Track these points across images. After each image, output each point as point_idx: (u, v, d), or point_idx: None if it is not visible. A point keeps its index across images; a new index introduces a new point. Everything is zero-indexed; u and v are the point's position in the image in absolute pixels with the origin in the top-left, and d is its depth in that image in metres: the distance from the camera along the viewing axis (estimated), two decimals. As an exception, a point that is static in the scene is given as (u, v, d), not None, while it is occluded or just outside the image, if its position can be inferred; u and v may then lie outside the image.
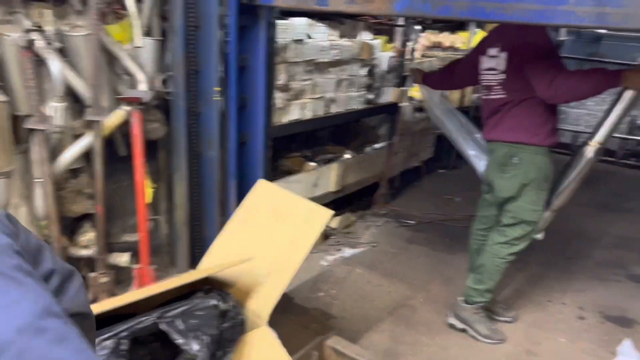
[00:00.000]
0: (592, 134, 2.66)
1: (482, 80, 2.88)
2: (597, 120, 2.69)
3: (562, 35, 7.19)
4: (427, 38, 5.65)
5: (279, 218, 2.16)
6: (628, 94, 2.45)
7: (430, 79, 3.23)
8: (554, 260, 3.90)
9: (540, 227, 2.81)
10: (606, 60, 7.15)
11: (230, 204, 2.81)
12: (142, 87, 2.49)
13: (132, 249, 2.66)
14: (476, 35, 5.94)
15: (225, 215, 2.82)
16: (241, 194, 3.06)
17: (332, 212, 2.14)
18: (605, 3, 1.79)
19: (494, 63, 2.77)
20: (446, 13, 2.13)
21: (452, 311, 3.05)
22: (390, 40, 4.57)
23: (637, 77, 2.36)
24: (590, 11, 1.83)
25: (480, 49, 2.90)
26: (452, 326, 3.01)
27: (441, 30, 5.90)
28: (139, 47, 2.52)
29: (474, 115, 5.05)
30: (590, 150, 2.63)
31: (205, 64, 2.69)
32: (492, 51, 2.79)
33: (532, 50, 2.57)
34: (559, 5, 1.89)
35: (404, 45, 4.53)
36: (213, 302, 1.77)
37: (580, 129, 7.31)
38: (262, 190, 2.35)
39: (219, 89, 2.68)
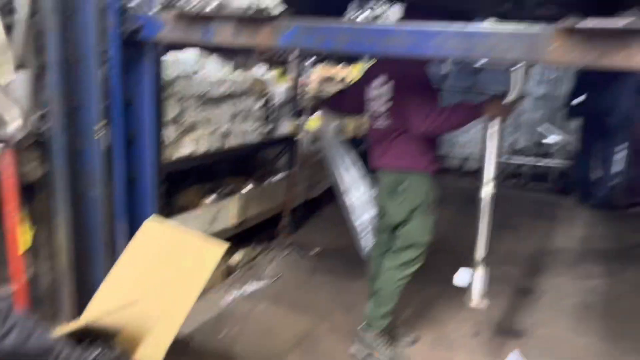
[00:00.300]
0: (480, 170, 2.83)
1: (369, 109, 3.00)
2: (481, 157, 2.86)
3: (445, 68, 7.73)
4: (321, 71, 5.81)
5: (168, 257, 2.06)
6: (494, 123, 2.66)
7: (324, 104, 3.41)
8: (449, 278, 4.06)
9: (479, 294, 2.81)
10: (484, 90, 7.79)
11: (118, 246, 2.65)
12: (14, 126, 2.30)
13: (8, 303, 2.41)
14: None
15: (114, 258, 2.65)
16: (132, 234, 2.90)
17: (225, 246, 2.08)
18: (471, 36, 1.94)
19: (379, 92, 2.89)
20: (329, 46, 2.20)
21: (355, 339, 3.07)
22: (285, 72, 4.64)
23: (493, 107, 2.61)
24: (458, 44, 1.97)
25: (366, 78, 3.03)
26: (353, 356, 3.02)
27: (336, 62, 6.11)
28: (10, 81, 2.34)
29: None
30: (487, 192, 2.79)
31: (87, 100, 2.55)
32: (378, 81, 2.91)
33: (411, 84, 2.73)
34: (430, 39, 2.02)
35: (298, 77, 4.62)
36: (95, 353, 1.63)
37: (468, 152, 7.83)
38: (151, 228, 2.24)
39: (102, 124, 2.55)
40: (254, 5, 4.78)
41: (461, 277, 2.77)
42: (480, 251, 2.81)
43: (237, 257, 4.02)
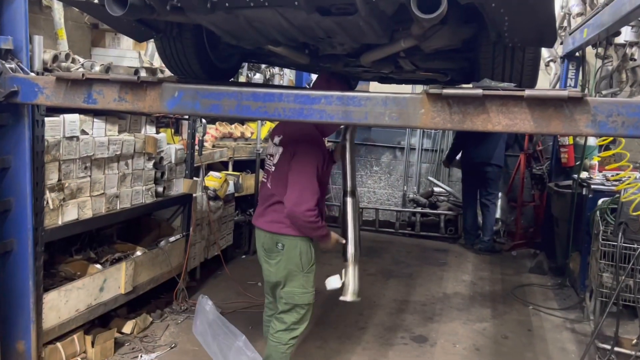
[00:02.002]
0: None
1: (265, 164, 3.10)
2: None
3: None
4: (217, 129, 5.82)
5: None
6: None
7: None
8: (349, 332, 4.12)
9: (353, 290, 2.90)
10: (377, 143, 8.24)
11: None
12: None
13: None
14: (263, 127, 6.32)
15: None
16: (7, 312, 2.66)
17: None
18: (348, 103, 2.07)
19: (274, 151, 3.00)
20: (216, 111, 2.23)
21: None
22: (177, 132, 4.59)
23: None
24: (338, 109, 2.09)
25: (272, 134, 3.11)
26: None
27: (231, 121, 6.15)
28: None
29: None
30: (350, 202, 3.01)
31: (-49, 168, 2.36)
32: (276, 139, 3.01)
33: (295, 154, 2.83)
34: (313, 104, 2.13)
35: (192, 137, 4.59)
36: None
37: (364, 205, 8.11)
38: None
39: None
40: (145, 65, 4.74)
41: (331, 282, 2.88)
42: (350, 250, 2.94)
43: (128, 327, 3.78)
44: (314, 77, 5.05)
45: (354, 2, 1.96)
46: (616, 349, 3.53)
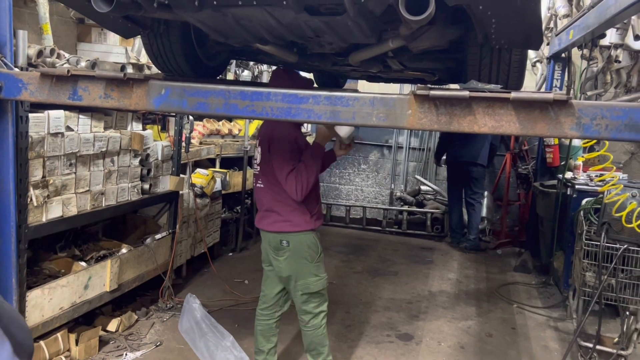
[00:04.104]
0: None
1: (253, 169, 3.16)
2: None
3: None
4: (204, 126, 5.79)
5: None
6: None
7: None
8: (335, 330, 4.13)
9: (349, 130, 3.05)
10: (364, 141, 8.25)
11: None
12: None
13: None
14: (251, 124, 6.30)
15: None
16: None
17: None
18: (336, 103, 2.07)
19: (257, 154, 3.07)
20: (203, 110, 2.22)
21: None
22: (164, 129, 4.56)
23: (319, 133, 3.04)
24: (326, 109, 2.08)
25: (258, 137, 3.18)
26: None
27: (219, 118, 6.12)
28: None
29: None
30: None
31: None
32: (259, 141, 3.07)
33: (278, 150, 2.91)
34: (301, 104, 2.12)
35: (179, 133, 4.56)
36: None
37: (351, 202, 8.14)
38: None
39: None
40: (132, 61, 4.70)
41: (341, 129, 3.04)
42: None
43: (113, 325, 3.75)
44: (304, 75, 5.04)
45: (343, 2, 1.96)
46: (598, 347, 3.58)
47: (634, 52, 4.68)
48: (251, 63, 6.76)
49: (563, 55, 5.77)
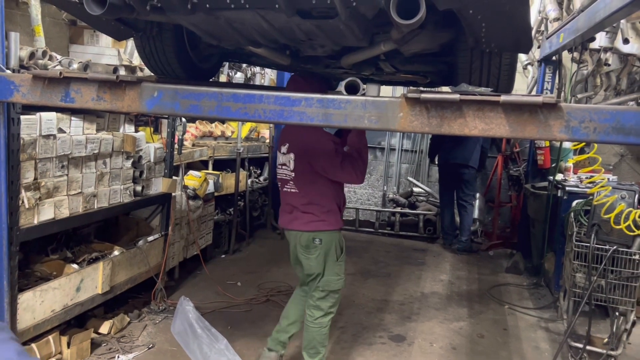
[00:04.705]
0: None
1: (277, 174, 3.29)
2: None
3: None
4: (197, 128, 5.80)
5: None
6: None
7: None
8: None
9: None
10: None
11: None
12: None
13: None
14: (244, 126, 6.31)
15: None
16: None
17: None
18: (328, 105, 2.08)
19: (285, 160, 3.20)
20: (195, 112, 2.22)
21: None
22: (157, 131, 4.55)
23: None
24: (318, 112, 2.10)
25: (278, 144, 3.34)
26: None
27: (212, 120, 6.12)
28: None
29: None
30: None
31: None
32: (283, 149, 3.23)
33: (318, 152, 3.08)
34: (293, 106, 2.14)
35: (171, 135, 4.56)
36: None
37: (357, 205, 8.14)
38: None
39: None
40: (124, 63, 4.69)
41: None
42: None
43: (105, 327, 3.74)
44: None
45: (335, 5, 1.98)
46: (588, 347, 3.61)
47: (623, 56, 4.73)
48: (244, 65, 6.77)
49: (554, 58, 5.83)
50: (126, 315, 4.05)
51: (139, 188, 4.09)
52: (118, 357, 3.52)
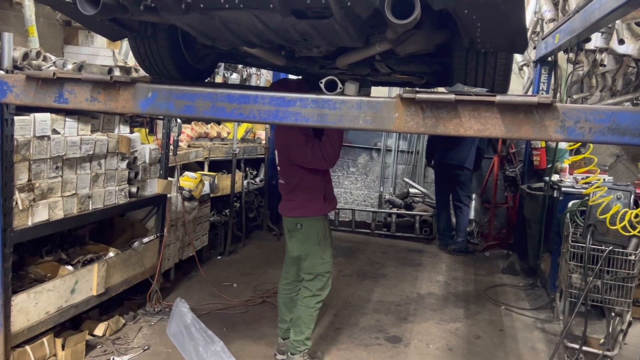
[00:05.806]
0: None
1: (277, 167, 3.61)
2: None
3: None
4: (192, 129, 5.77)
5: None
6: None
7: None
8: (323, 333, 4.13)
9: None
10: (353, 144, 8.29)
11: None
12: None
13: None
14: (240, 127, 6.29)
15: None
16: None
17: None
18: (323, 106, 2.08)
19: (277, 156, 3.55)
20: (190, 113, 2.21)
21: None
22: (152, 132, 4.54)
23: None
24: (313, 112, 2.09)
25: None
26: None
27: (207, 121, 6.10)
28: None
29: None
30: None
31: None
32: (276, 147, 3.55)
33: (292, 145, 3.33)
34: (288, 107, 2.13)
35: (166, 136, 4.54)
36: None
37: (340, 205, 8.13)
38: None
39: None
40: (119, 63, 4.68)
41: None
42: None
43: (100, 329, 3.72)
44: (292, 77, 5.06)
45: (329, 5, 1.97)
46: (584, 348, 3.61)
47: (619, 56, 4.74)
48: (240, 66, 6.76)
49: (549, 59, 5.83)
50: (121, 317, 4.03)
51: (134, 189, 4.08)
52: (113, 359, 3.50)
